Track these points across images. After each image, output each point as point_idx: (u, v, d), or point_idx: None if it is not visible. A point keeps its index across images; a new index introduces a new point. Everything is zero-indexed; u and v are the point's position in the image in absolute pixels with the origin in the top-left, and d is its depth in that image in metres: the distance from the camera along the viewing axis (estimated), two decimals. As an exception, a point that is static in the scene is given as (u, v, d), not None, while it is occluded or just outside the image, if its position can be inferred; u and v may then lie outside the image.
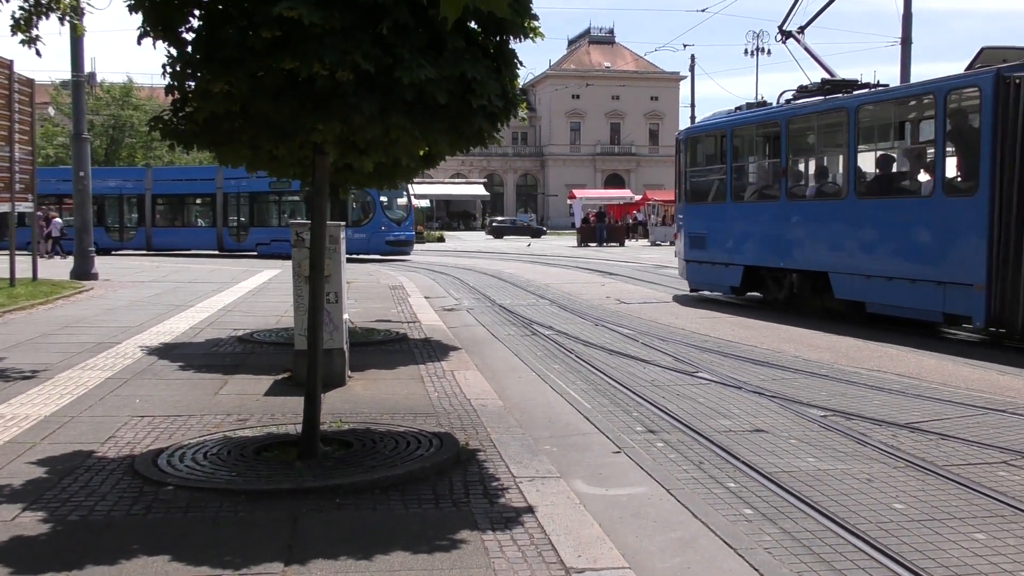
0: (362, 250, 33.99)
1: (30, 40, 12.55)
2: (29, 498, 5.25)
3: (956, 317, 12.69)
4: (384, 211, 35.83)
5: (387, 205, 36.01)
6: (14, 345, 11.12)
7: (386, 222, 35.90)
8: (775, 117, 16.73)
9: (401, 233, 36.40)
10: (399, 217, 36.89)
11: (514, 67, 6.04)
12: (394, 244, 36.09)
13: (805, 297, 15.88)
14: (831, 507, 5.52)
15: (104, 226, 38.68)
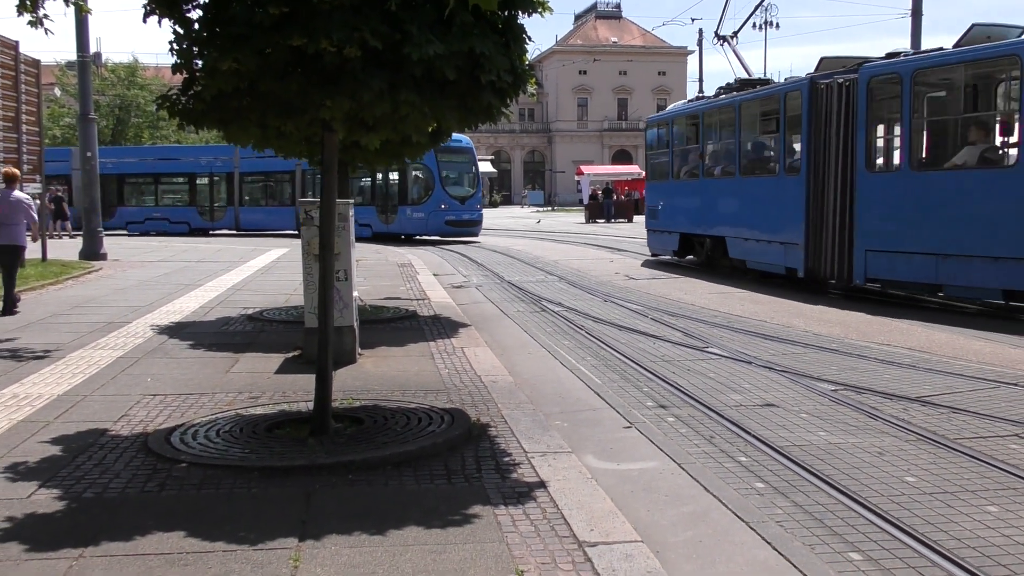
0: (420, 230, 32.14)
1: (37, 20, 12.52)
2: (44, 476, 5.29)
3: (791, 269, 15.89)
4: (444, 187, 32.05)
5: (449, 179, 32.49)
6: (25, 325, 11.17)
7: (447, 199, 31.95)
8: (695, 111, 20.50)
9: (465, 212, 32.34)
10: (463, 194, 32.64)
11: (523, 42, 6.01)
12: (455, 224, 32.12)
13: (717, 258, 19.24)
14: (843, 480, 5.52)
15: (196, 206, 38.26)
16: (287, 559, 4.10)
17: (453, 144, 28.35)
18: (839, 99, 14.58)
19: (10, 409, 6.92)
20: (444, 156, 31.04)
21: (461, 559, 4.12)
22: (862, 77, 14.09)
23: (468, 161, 33.18)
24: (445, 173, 32.21)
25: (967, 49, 12.72)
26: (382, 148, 6.92)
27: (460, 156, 32.36)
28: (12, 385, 7.73)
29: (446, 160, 31.70)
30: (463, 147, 32.31)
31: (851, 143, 14.33)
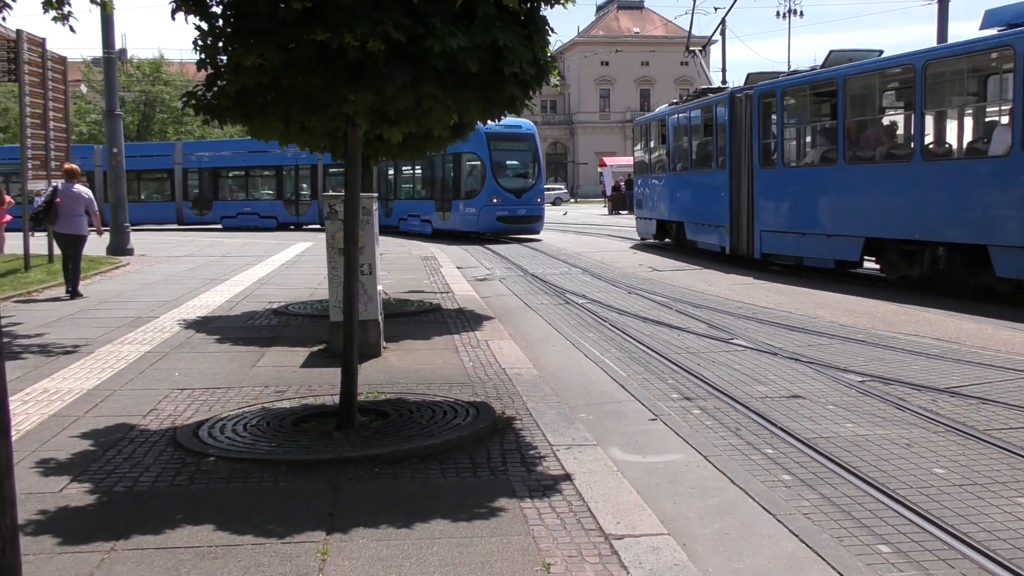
0: (471, 227, 28.57)
1: (62, 17, 12.65)
2: (76, 470, 5.35)
3: (723, 248, 19.38)
4: (496, 178, 28.23)
5: (503, 169, 28.70)
6: (55, 321, 11.29)
7: (499, 192, 28.18)
8: (663, 115, 24.78)
9: (520, 207, 28.33)
10: (518, 186, 28.75)
11: (545, 34, 5.99)
12: (508, 221, 28.15)
13: (681, 240, 22.71)
14: (870, 472, 5.48)
15: (283, 199, 37.30)
16: (315, 552, 4.13)
17: (510, 128, 27.02)
18: (746, 110, 18.37)
19: (41, 404, 7.00)
20: (498, 142, 28.09)
21: (488, 552, 4.13)
22: (755, 93, 18.10)
23: (528, 148, 29.25)
24: (498, 161, 28.51)
25: (809, 73, 17.03)
26: (404, 142, 6.92)
27: (517, 142, 28.89)
28: (43, 380, 7.82)
29: (500, 147, 28.41)
30: (522, 132, 28.83)
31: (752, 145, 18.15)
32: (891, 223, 14.28)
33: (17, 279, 15.32)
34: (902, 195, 14.01)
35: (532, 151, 29.26)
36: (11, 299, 13.23)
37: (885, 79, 15.21)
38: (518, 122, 27.66)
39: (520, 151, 29.20)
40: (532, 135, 29.36)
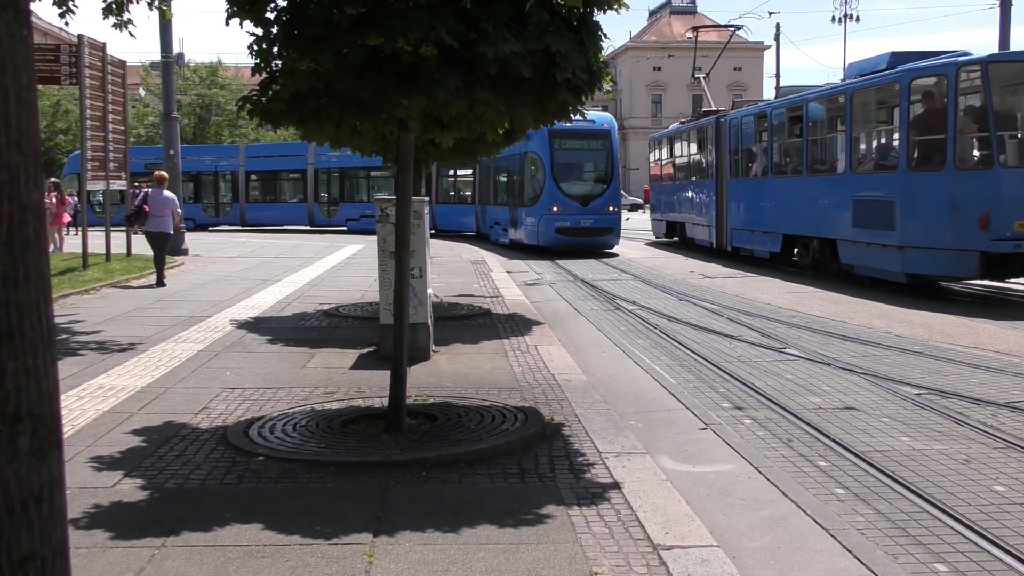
0: (532, 239, 24.48)
1: (122, 23, 12.91)
2: (128, 466, 5.42)
3: (711, 243, 23.34)
4: (557, 182, 24.01)
5: (565, 172, 24.51)
6: (111, 318, 11.50)
7: (559, 199, 23.89)
8: (670, 133, 29.13)
9: (584, 217, 23.86)
10: (584, 192, 24.39)
11: (598, 39, 5.96)
12: (568, 233, 23.66)
13: (686, 239, 26.10)
14: (927, 488, 5.35)
15: None
16: (362, 554, 4.13)
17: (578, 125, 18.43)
18: (727, 131, 22.54)
19: (96, 400, 7.13)
20: (562, 140, 23.89)
21: (534, 559, 4.09)
22: (727, 118, 22.83)
23: (601, 147, 24.68)
24: (561, 163, 24.36)
25: (753, 106, 22.57)
26: (456, 146, 6.93)
27: (588, 140, 24.44)
28: (99, 376, 7.95)
29: (565, 145, 24.22)
30: (594, 129, 24.06)
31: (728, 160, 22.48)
32: (794, 223, 18.65)
33: (75, 277, 15.65)
34: (799, 202, 18.39)
35: (606, 150, 24.64)
36: (69, 295, 13.50)
37: (792, 112, 19.31)
38: (590, 115, 22.73)
39: (591, 150, 24.75)
40: (607, 132, 24.74)
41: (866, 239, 15.39)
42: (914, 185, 14.18)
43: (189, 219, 37.12)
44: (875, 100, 15.88)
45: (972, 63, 13.74)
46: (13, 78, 1.68)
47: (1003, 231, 13.07)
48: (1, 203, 1.65)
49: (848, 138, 16.38)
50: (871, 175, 15.75)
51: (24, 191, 1.70)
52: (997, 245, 13.15)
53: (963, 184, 13.58)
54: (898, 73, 14.76)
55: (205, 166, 38.45)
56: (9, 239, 1.67)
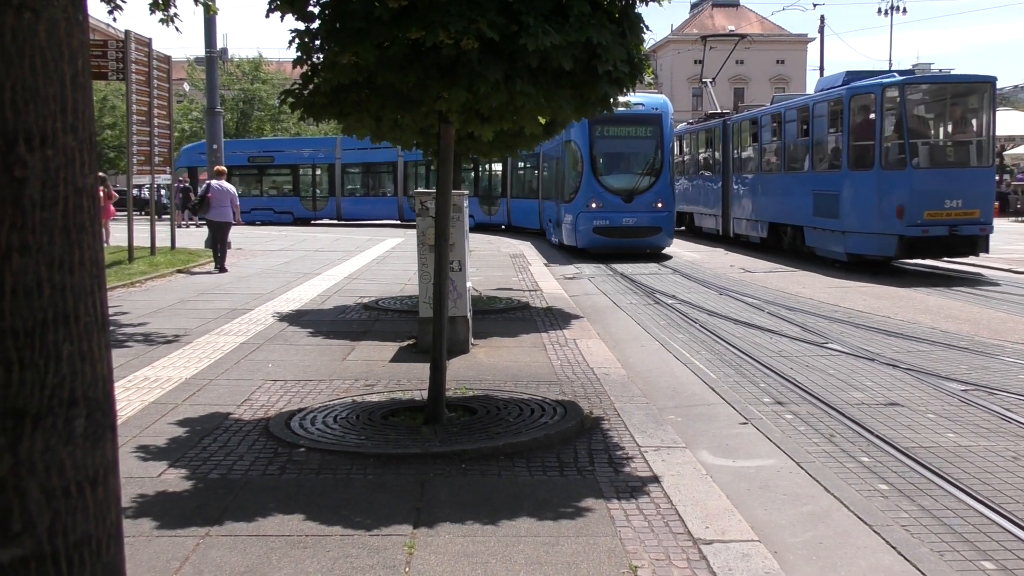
0: (570, 240, 21.86)
1: (168, 18, 13.09)
2: (173, 456, 5.50)
3: (717, 231, 25.96)
4: (596, 175, 21.08)
5: (607, 163, 21.44)
6: (156, 311, 11.66)
7: (599, 194, 20.91)
8: (680, 133, 29.58)
9: (627, 215, 20.84)
10: (629, 186, 21.16)
11: (639, 31, 5.92)
12: (607, 233, 20.78)
13: (693, 228, 28.59)
14: (973, 485, 5.27)
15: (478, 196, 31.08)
16: (402, 545, 4.16)
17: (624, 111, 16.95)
18: (732, 132, 24.94)
19: (142, 391, 7.24)
20: (604, 127, 20.86)
21: (574, 552, 4.09)
22: (729, 121, 25.38)
23: (650, 135, 21.40)
24: (601, 152, 21.32)
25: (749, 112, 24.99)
26: (495, 139, 6.94)
27: (634, 126, 21.43)
28: (144, 368, 8.07)
29: (607, 132, 21.17)
30: (641, 113, 21.23)
31: None
32: (776, 213, 21.42)
33: (121, 270, 15.89)
34: (779, 195, 21.25)
35: (656, 138, 21.31)
36: (116, 288, 13.71)
37: (775, 119, 22.09)
38: (640, 98, 21.15)
39: (637, 138, 21.50)
40: (658, 116, 21.48)
41: (822, 226, 18.78)
42: (852, 182, 17.57)
43: (287, 212, 37.05)
44: (828, 112, 18.95)
45: (892, 84, 16.85)
46: (69, 63, 1.70)
47: (915, 219, 16.30)
48: (57, 187, 1.68)
49: (811, 142, 19.72)
50: (825, 173, 18.96)
51: (79, 176, 1.72)
52: (910, 230, 16.39)
53: (886, 181, 16.76)
54: (843, 90, 18.09)
55: (303, 159, 37.53)
56: (65, 224, 1.69)
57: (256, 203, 36.87)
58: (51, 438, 1.69)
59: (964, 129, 17.65)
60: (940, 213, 16.35)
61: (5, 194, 1.61)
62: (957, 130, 17.81)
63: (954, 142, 17.60)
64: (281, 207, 37.46)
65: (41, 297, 1.66)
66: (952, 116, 17.85)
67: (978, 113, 17.57)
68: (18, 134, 1.63)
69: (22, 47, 1.63)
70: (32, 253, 1.65)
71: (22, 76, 1.63)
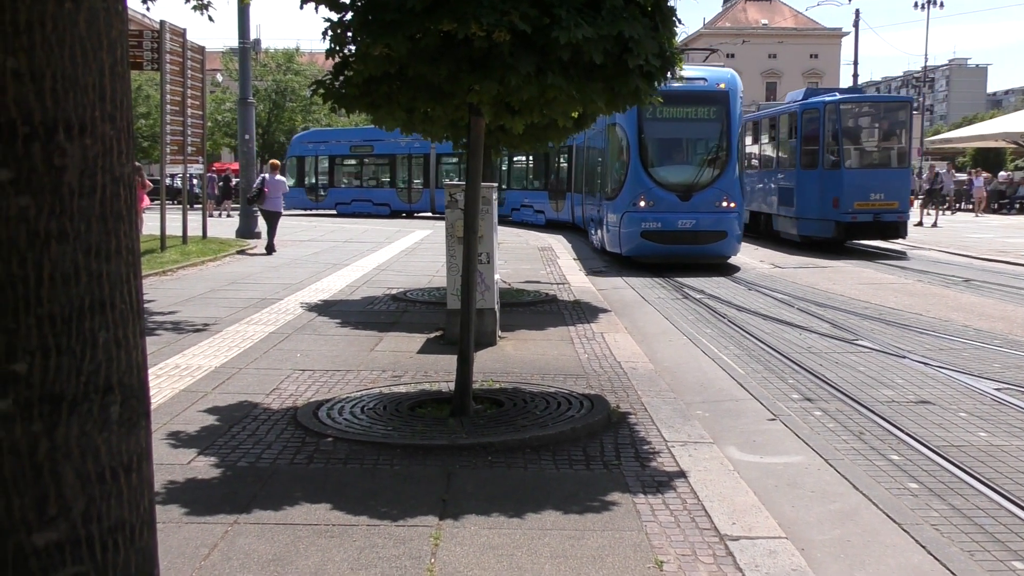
0: (613, 245, 18.31)
1: (202, 6, 13.18)
2: (203, 444, 5.56)
3: None
4: (647, 167, 17.43)
5: (660, 152, 17.90)
6: (187, 299, 11.77)
7: (649, 189, 17.25)
8: None
9: (684, 216, 17.11)
10: (686, 179, 17.49)
11: (672, 25, 5.90)
12: (660, 239, 17.17)
13: None
14: (1006, 485, 5.21)
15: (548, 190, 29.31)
16: (428, 536, 4.18)
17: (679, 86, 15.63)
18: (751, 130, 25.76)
19: (172, 379, 7.31)
20: (656, 109, 16.15)
21: (599, 546, 4.09)
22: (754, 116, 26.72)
23: (713, 116, 17.68)
24: (652, 137, 17.67)
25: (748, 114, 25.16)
26: (526, 132, 6.94)
27: (691, 106, 17.71)
28: (174, 356, 8.16)
29: (659, 114, 17.19)
30: (702, 91, 17.68)
31: None
32: (755, 203, 24.61)
33: (153, 258, 16.05)
34: (756, 188, 24.62)
35: (721, 121, 17.55)
36: (148, 276, 13.85)
37: (756, 123, 25.59)
38: (701, 72, 18.29)
39: (697, 121, 17.83)
40: (724, 95, 17.71)
41: (783, 213, 22.98)
42: (803, 179, 21.79)
43: (384, 204, 36.03)
44: (788, 121, 23.08)
45: (832, 102, 21.22)
46: (108, 52, 1.72)
47: (847, 208, 20.52)
48: (95, 175, 1.70)
49: (776, 145, 24.31)
50: (785, 170, 23.12)
51: (117, 164, 1.74)
52: (844, 217, 20.61)
53: (826, 178, 21.01)
54: (796, 105, 22.54)
55: (400, 148, 34.96)
56: (102, 211, 1.71)
57: (356, 194, 36.67)
58: (87, 424, 1.71)
59: (888, 138, 22.09)
60: (867, 204, 20.70)
61: (44, 181, 1.64)
62: (882, 139, 22.25)
63: (879, 148, 22.11)
64: (379, 199, 36.69)
65: (78, 284, 1.69)
66: (879, 128, 22.41)
67: (900, 126, 22.17)
68: (58, 122, 1.65)
69: (62, 36, 1.65)
70: (70, 240, 1.67)
71: (62, 65, 1.65)
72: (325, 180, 37.85)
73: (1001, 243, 22.45)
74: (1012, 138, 42.77)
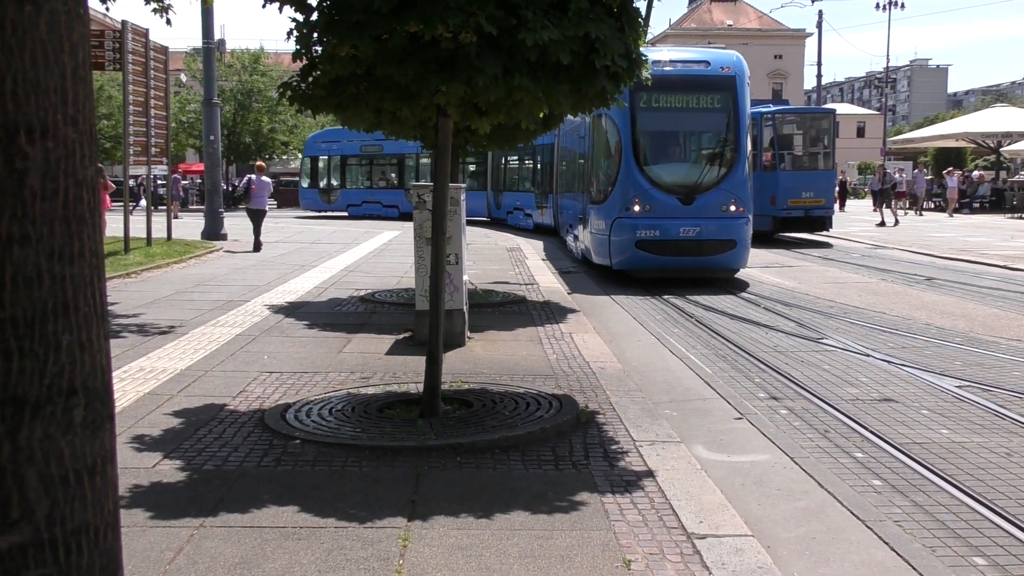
0: (602, 255, 15.75)
1: (162, 8, 13.04)
2: (168, 447, 5.51)
3: None
4: (641, 164, 15.05)
5: (656, 147, 15.64)
6: (152, 302, 11.66)
7: (644, 191, 14.87)
8: None
9: (686, 223, 14.76)
10: (688, 179, 15.20)
11: (638, 26, 5.94)
12: (657, 250, 14.80)
13: None
14: (967, 481, 5.30)
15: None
16: (396, 538, 4.17)
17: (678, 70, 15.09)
18: None
19: (137, 382, 7.24)
20: (652, 96, 14.94)
21: (568, 545, 4.11)
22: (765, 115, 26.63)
23: (716, 106, 15.45)
24: (646, 131, 15.32)
25: None
26: (493, 133, 6.94)
27: (693, 93, 15.42)
28: (139, 359, 8.08)
29: (655, 104, 15.23)
30: (705, 75, 15.47)
31: None
32: None
33: (117, 260, 15.86)
34: None
35: (727, 111, 15.31)
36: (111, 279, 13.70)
37: None
38: (702, 54, 16.42)
39: (700, 111, 15.55)
40: (730, 80, 15.43)
41: None
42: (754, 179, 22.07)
43: (393, 206, 34.13)
44: None
45: (767, 113, 24.40)
46: (70, 55, 1.71)
47: (783, 205, 23.76)
48: (58, 179, 1.69)
49: None
50: None
51: (80, 167, 1.73)
52: (780, 212, 23.79)
53: (765, 179, 22.74)
54: None
55: (408, 148, 31.15)
56: (65, 215, 1.70)
57: (366, 196, 35.64)
58: (50, 427, 1.70)
59: (815, 144, 25.38)
60: (799, 201, 24.05)
61: (6, 185, 1.62)
62: (810, 145, 25.40)
63: (808, 153, 25.30)
64: (388, 200, 35.16)
65: (41, 287, 1.67)
66: (808, 135, 25.45)
67: (825, 133, 25.43)
68: (19, 125, 1.64)
69: (23, 39, 1.63)
70: (32, 244, 1.66)
71: (23, 68, 1.64)
72: (337, 181, 37.03)
73: (963, 242, 22.80)
74: (972, 138, 43.50)
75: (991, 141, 42.79)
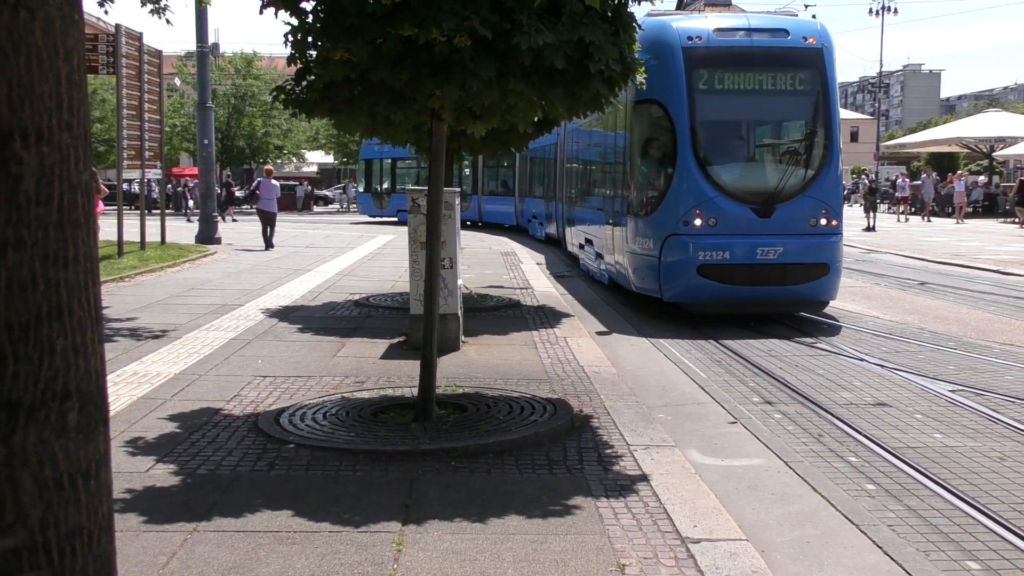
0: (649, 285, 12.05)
1: (158, 9, 13.03)
2: (162, 451, 5.50)
3: None
4: (703, 165, 11.39)
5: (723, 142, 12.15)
6: (146, 306, 11.64)
7: (709, 202, 11.21)
8: None
9: (766, 241, 11.11)
10: (770, 183, 11.59)
11: (632, 31, 5.96)
12: (726, 278, 11.16)
13: None
14: (960, 485, 5.31)
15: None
16: (390, 542, 4.17)
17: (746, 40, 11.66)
18: None
19: (131, 386, 7.23)
20: (713, 73, 11.65)
21: (562, 550, 4.11)
22: None
23: (799, 87, 11.87)
24: (708, 121, 11.72)
25: None
26: (487, 137, 6.95)
27: (767, 71, 11.72)
28: (133, 363, 8.06)
29: (718, 85, 11.76)
30: (785, 48, 11.78)
31: None
32: None
33: (111, 264, 15.83)
34: None
35: (814, 95, 11.82)
36: (105, 282, 13.67)
37: None
38: (777, 22, 12.63)
39: (777, 94, 11.93)
40: (815, 53, 11.78)
41: None
42: None
43: None
44: None
45: None
46: (65, 60, 1.72)
47: None
48: (52, 183, 1.69)
49: None
50: None
51: (74, 172, 1.73)
52: None
53: None
54: None
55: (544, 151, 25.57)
56: (60, 219, 1.70)
57: (400, 202, 31.44)
58: (44, 431, 1.70)
59: None
60: None
61: (1, 190, 1.62)
62: None
63: None
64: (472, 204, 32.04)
65: (35, 292, 1.67)
66: None
67: None
68: (14, 130, 1.64)
69: (18, 45, 1.64)
70: (27, 248, 1.66)
71: (18, 73, 1.64)
72: (388, 185, 35.93)
73: (956, 246, 22.87)
74: (965, 142, 43.65)
75: (984, 146, 42.95)
